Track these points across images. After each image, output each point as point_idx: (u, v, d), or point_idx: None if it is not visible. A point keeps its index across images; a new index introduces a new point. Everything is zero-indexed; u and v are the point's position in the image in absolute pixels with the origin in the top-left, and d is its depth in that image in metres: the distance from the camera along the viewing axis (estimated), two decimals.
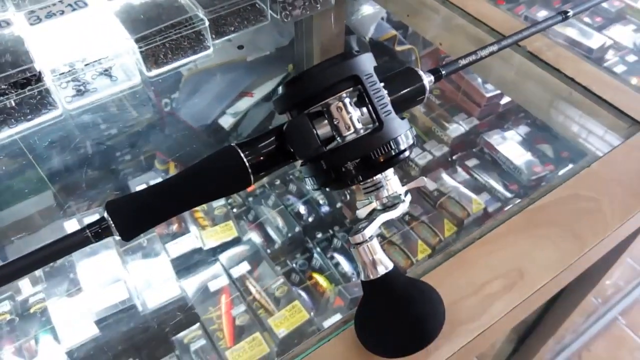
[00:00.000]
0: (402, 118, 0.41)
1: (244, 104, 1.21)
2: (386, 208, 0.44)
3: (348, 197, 1.10)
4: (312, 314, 0.85)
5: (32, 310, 0.83)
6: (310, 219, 1.04)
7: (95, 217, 0.65)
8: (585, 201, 0.49)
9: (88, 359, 0.78)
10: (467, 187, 1.08)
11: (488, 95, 1.16)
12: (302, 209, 1.06)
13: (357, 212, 0.43)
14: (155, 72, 0.61)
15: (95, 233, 0.40)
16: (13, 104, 0.53)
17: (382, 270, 0.38)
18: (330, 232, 1.03)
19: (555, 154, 1.18)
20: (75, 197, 0.95)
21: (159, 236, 0.92)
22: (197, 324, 0.83)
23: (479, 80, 1.19)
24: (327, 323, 0.84)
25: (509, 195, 1.08)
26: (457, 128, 1.16)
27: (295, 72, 1.23)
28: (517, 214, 0.49)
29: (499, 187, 1.10)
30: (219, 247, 0.94)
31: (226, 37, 0.65)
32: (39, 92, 0.54)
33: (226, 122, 1.20)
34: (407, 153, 0.41)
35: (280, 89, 0.43)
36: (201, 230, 0.96)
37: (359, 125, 0.40)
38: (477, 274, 0.45)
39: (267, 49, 1.24)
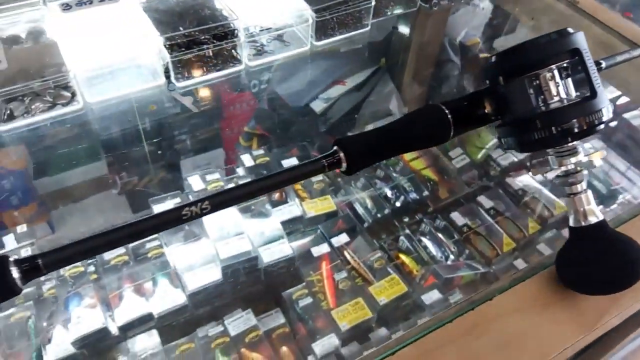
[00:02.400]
0: None
1: (336, 91, 1.27)
2: (568, 174, 0.49)
3: (430, 188, 1.15)
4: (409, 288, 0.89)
5: (149, 255, 0.89)
6: (397, 204, 1.09)
7: None
8: None
9: (205, 303, 0.84)
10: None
11: None
12: (390, 194, 1.11)
13: (534, 177, 0.49)
14: (322, 42, 0.67)
15: (329, 163, 0.46)
16: (210, 54, 0.59)
17: (593, 219, 0.43)
18: (417, 217, 1.08)
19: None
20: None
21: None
22: (303, 284, 0.89)
23: None
24: (424, 298, 0.89)
25: None
26: None
27: (386, 66, 1.29)
28: None
29: None
30: (318, 218, 0.99)
31: (382, 18, 0.71)
32: (232, 46, 0.60)
33: (318, 106, 1.25)
34: (605, 124, 0.47)
35: (494, 58, 0.49)
36: (301, 201, 1.01)
37: (573, 93, 0.45)
38: None
39: (359, 42, 1.31)
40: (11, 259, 0.36)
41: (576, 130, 0.45)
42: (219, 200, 0.41)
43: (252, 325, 0.81)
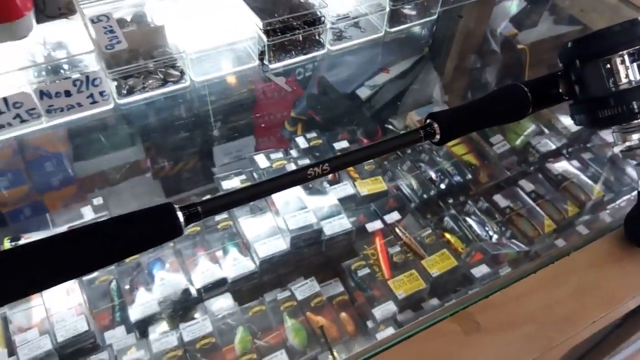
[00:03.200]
0: None
1: (381, 78, 1.32)
2: (631, 149, 0.55)
3: (472, 171, 1.21)
4: (460, 262, 0.96)
5: (219, 227, 0.96)
6: (442, 186, 1.16)
7: None
8: None
9: (272, 270, 0.91)
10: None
11: None
12: (434, 176, 1.17)
13: (613, 149, 0.55)
14: (395, 29, 0.73)
15: (425, 134, 0.52)
16: (300, 38, 0.65)
17: None
18: (461, 199, 1.14)
19: None
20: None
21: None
22: (360, 255, 0.95)
23: None
24: (474, 271, 0.95)
25: (623, 188, 1.18)
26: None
27: (429, 55, 1.35)
28: None
29: (612, 179, 1.20)
30: (370, 197, 1.06)
31: (449, 7, 0.76)
32: (318, 32, 0.67)
33: (363, 93, 1.32)
34: None
35: (570, 43, 0.55)
36: (353, 181, 1.08)
37: None
38: None
39: (403, 31, 1.36)
40: (176, 206, 0.42)
41: None
42: (336, 164, 0.48)
43: (316, 292, 0.88)
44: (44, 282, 0.37)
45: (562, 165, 1.18)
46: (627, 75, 0.52)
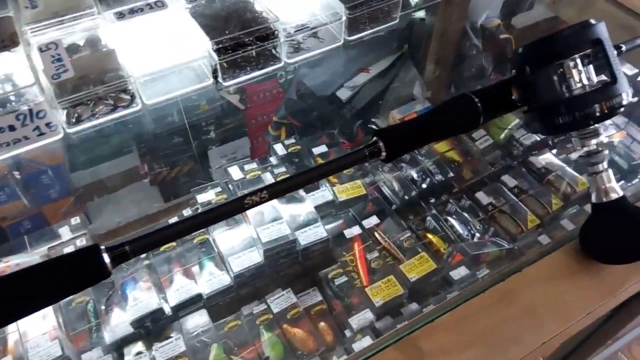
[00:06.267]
0: None
1: (361, 78, 1.31)
2: (590, 154, 0.53)
3: (455, 170, 1.19)
4: (439, 265, 0.95)
5: (195, 241, 0.95)
6: (423, 185, 1.14)
7: None
8: None
9: (248, 284, 0.90)
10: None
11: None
12: (416, 176, 1.15)
13: (570, 156, 0.53)
14: (353, 37, 0.72)
15: (370, 153, 0.51)
16: (254, 54, 0.64)
17: (614, 196, 0.47)
18: (443, 198, 1.12)
19: None
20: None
21: None
22: (338, 263, 0.95)
23: None
24: (453, 274, 0.94)
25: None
26: None
27: (408, 52, 1.33)
28: None
29: None
30: (349, 202, 1.05)
31: (410, 10, 0.75)
32: (273, 46, 0.65)
33: (343, 94, 1.30)
34: (624, 107, 0.51)
35: (521, 49, 0.53)
36: (332, 187, 1.07)
37: (595, 79, 0.49)
38: None
39: (382, 30, 1.34)
40: (102, 246, 0.42)
41: (598, 114, 0.49)
42: (275, 190, 0.47)
43: (292, 303, 0.88)
44: None
45: (546, 158, 1.16)
46: (580, 81, 0.50)
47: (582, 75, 0.49)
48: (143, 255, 0.93)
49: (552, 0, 0.90)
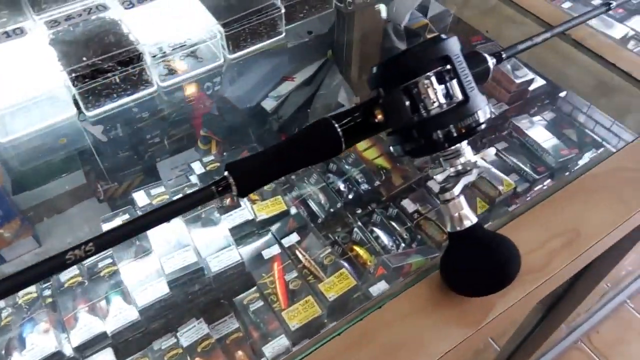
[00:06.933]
0: (483, 94, 0.48)
1: (286, 87, 1.27)
2: (459, 174, 0.50)
3: (384, 177, 1.17)
4: (358, 281, 0.92)
5: (102, 274, 0.91)
6: (350, 196, 1.11)
7: None
8: (631, 172, 0.56)
9: (158, 316, 0.86)
10: (497, 168, 1.14)
11: (517, 81, 1.22)
12: (342, 187, 1.12)
13: (434, 177, 0.50)
14: (236, 54, 0.68)
15: (219, 189, 0.47)
16: (117, 80, 0.60)
17: (468, 223, 0.45)
18: (370, 208, 1.10)
19: (580, 139, 1.25)
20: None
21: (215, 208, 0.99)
22: (254, 288, 0.91)
23: (509, 67, 1.25)
24: (372, 290, 0.91)
25: (536, 176, 1.15)
26: None
27: (333, 58, 1.30)
28: (572, 182, 0.55)
29: (527, 168, 1.16)
30: (269, 220, 1.01)
31: (296, 23, 0.71)
32: (140, 70, 0.61)
33: (269, 105, 1.26)
34: (485, 124, 0.48)
35: (375, 69, 0.50)
36: (252, 204, 1.03)
37: (446, 100, 0.46)
38: (539, 233, 0.52)
39: (306, 36, 1.30)
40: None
41: (453, 135, 0.46)
42: (103, 241, 0.43)
43: (204, 334, 0.84)
44: None
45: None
46: (430, 101, 0.47)
47: (432, 96, 0.46)
48: (47, 293, 0.89)
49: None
